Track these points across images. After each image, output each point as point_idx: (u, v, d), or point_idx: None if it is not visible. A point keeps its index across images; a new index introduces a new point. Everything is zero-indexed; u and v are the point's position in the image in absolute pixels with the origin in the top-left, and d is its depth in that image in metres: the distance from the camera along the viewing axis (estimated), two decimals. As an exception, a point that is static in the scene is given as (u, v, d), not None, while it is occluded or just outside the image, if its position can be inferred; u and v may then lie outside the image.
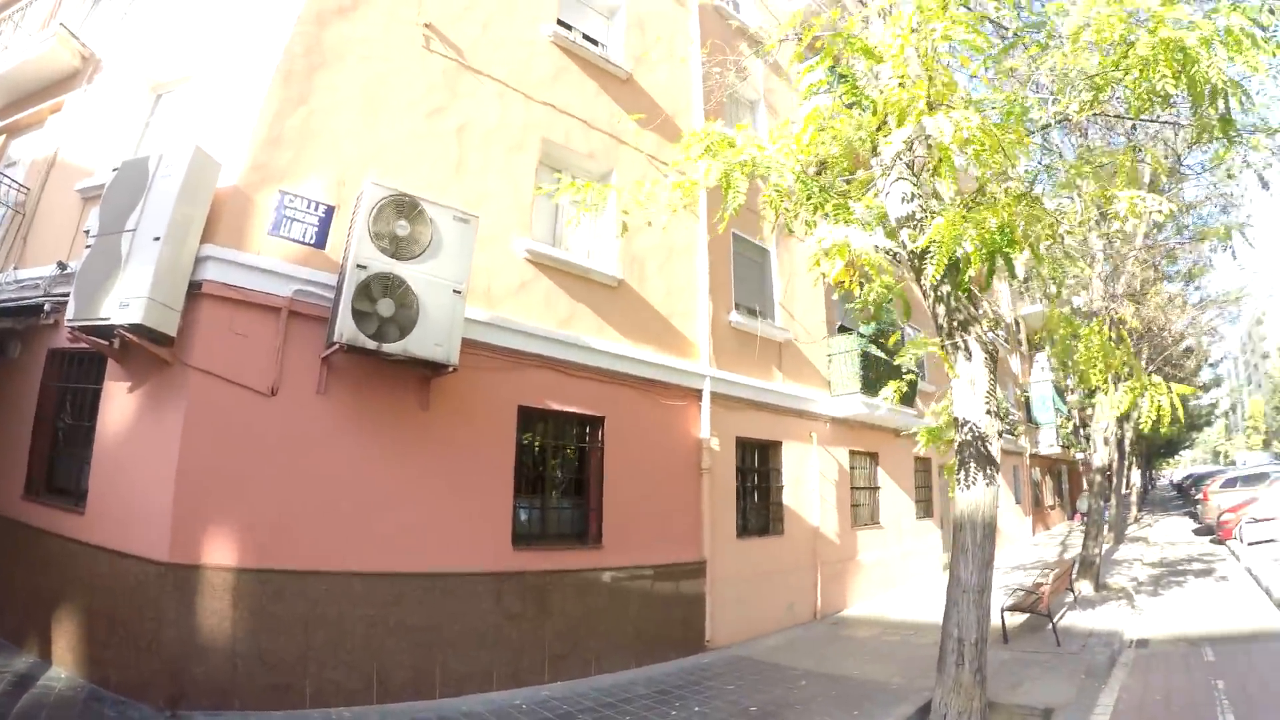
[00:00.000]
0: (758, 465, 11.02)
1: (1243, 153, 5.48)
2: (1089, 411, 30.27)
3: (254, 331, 5.86)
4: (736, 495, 10.23)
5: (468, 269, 6.43)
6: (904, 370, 13.63)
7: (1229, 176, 9.02)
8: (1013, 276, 4.90)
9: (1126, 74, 4.02)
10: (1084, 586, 11.88)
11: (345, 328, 5.52)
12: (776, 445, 11.29)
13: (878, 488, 13.93)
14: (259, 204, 6.17)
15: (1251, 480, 20.49)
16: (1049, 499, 27.97)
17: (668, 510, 8.97)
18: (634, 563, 8.30)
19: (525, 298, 7.92)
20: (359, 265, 5.57)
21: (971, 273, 4.77)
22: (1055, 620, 8.83)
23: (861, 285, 6.42)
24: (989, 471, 5.40)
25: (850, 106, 5.02)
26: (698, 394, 9.76)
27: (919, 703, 6.29)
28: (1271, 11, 4.17)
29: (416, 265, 5.94)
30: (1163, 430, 5.98)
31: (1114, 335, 8.54)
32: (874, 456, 14.01)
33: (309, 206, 6.34)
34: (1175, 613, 10.33)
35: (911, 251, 5.45)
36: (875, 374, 12.89)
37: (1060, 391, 24.65)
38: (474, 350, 7.10)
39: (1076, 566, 12.09)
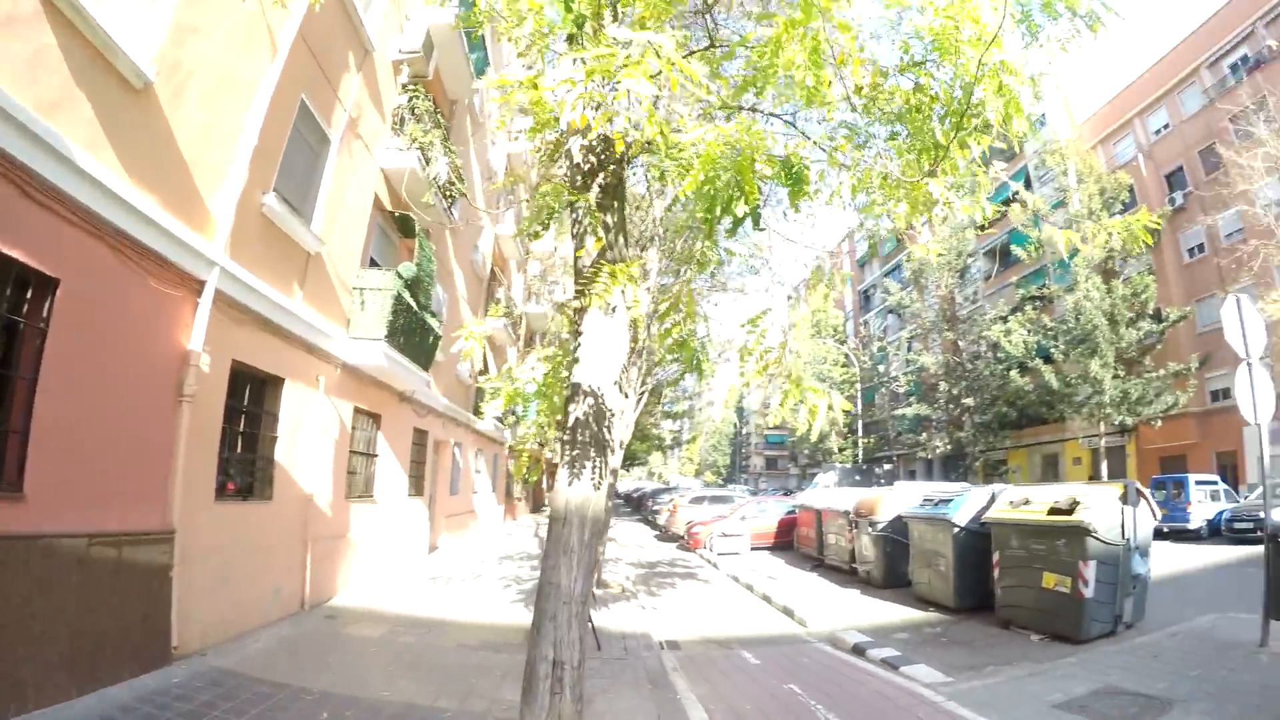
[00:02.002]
0: (250, 405, 9.22)
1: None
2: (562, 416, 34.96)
3: None
4: (221, 442, 8.37)
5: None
6: (429, 328, 13.34)
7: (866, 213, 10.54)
8: (757, 226, 4.79)
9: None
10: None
11: None
12: (278, 383, 9.69)
13: (375, 455, 13.15)
14: None
15: (718, 500, 26.69)
16: (517, 490, 31.27)
17: (126, 450, 6.75)
18: (74, 528, 5.97)
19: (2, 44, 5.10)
20: None
21: (742, 210, 4.47)
22: (591, 622, 9.26)
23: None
24: (606, 458, 5.14)
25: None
26: (199, 286, 7.69)
27: (490, 736, 5.76)
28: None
29: None
30: (814, 435, 6.48)
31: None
32: (377, 419, 13.19)
33: None
34: (686, 614, 12.00)
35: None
36: (403, 323, 12.20)
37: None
38: None
39: None
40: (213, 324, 7.79)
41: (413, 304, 12.55)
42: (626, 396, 14.20)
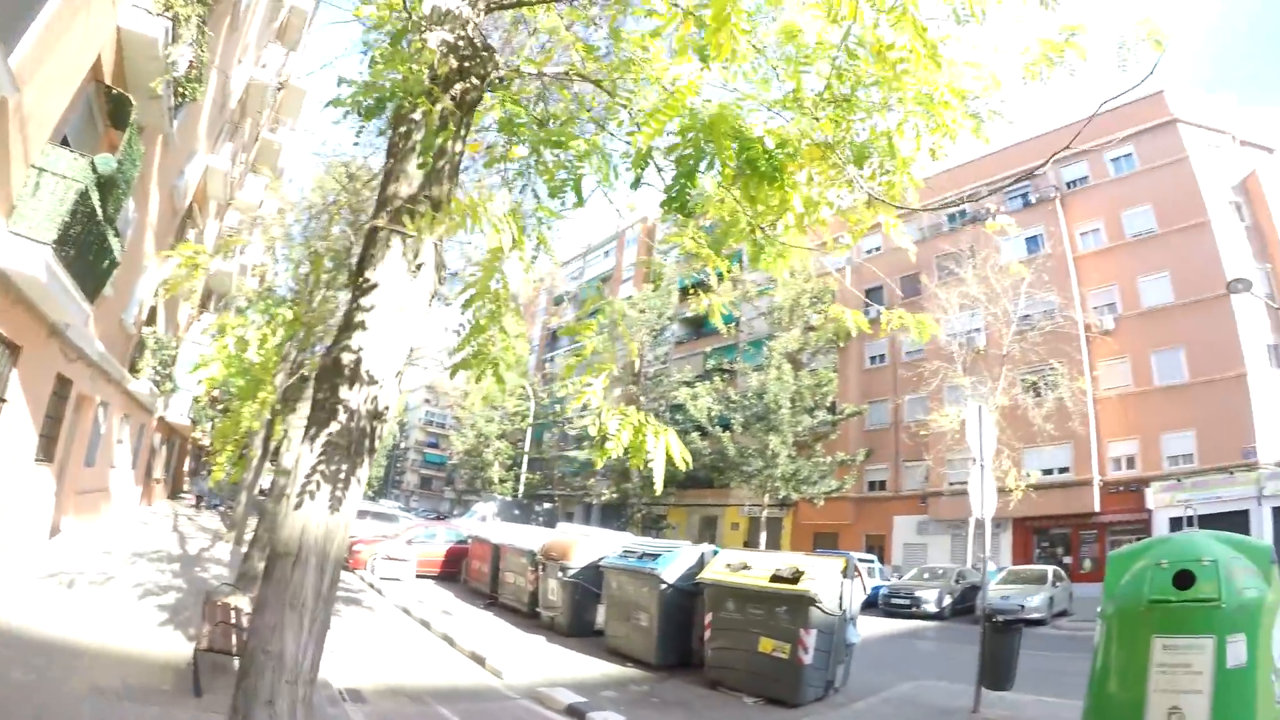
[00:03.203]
0: None
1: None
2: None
3: None
4: None
5: None
6: (108, 249, 10.97)
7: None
8: (685, 210, 4.08)
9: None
10: (240, 603, 10.99)
11: None
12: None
13: (4, 400, 10.32)
14: None
15: (381, 517, 25.25)
16: (158, 471, 27.19)
17: None
18: None
19: None
20: None
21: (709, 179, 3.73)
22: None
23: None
24: (362, 472, 3.93)
25: None
26: None
27: None
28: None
29: None
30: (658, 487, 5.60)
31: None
32: (15, 351, 10.42)
33: None
34: (361, 652, 10.47)
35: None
36: (80, 232, 9.87)
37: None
38: None
39: (237, 580, 11.28)
40: None
41: (99, 211, 10.09)
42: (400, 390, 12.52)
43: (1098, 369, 32.09)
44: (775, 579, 9.88)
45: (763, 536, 36.96)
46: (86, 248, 10.26)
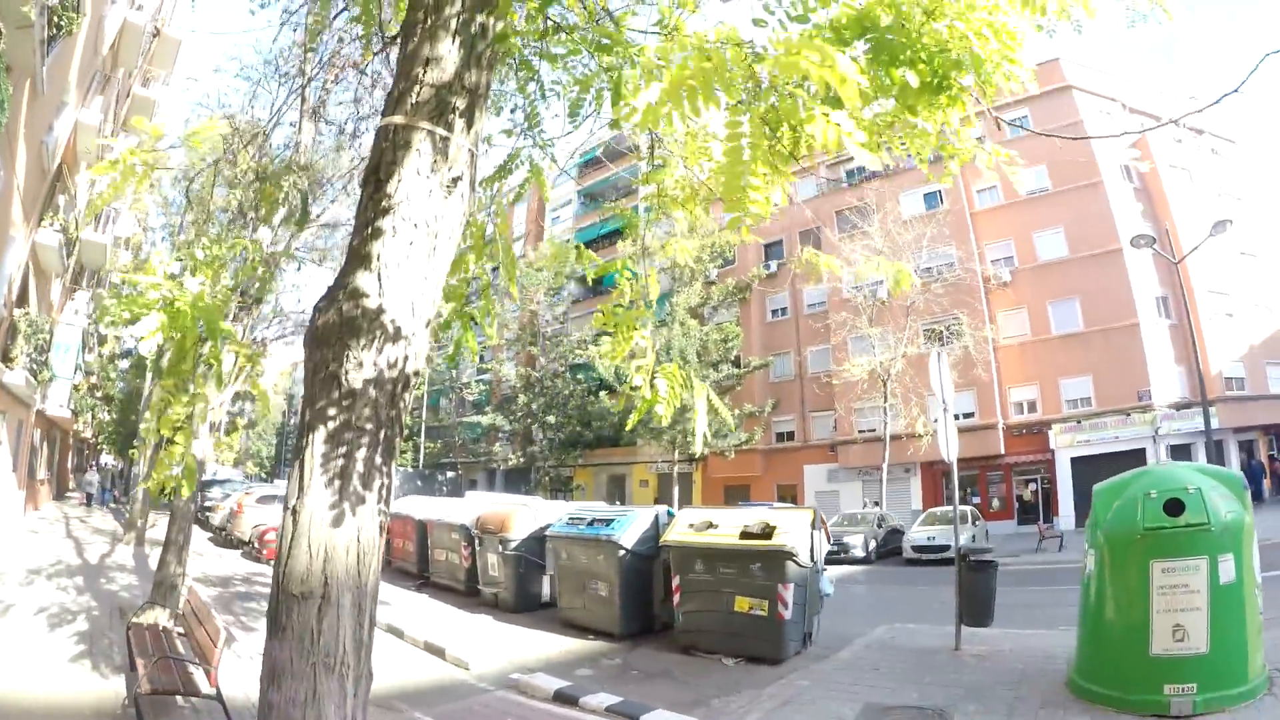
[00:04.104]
0: None
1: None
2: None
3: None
4: None
5: None
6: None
7: None
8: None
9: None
10: (163, 619, 9.83)
11: None
12: None
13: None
14: None
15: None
16: (42, 471, 25.16)
17: None
18: None
19: None
20: None
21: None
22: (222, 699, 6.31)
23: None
24: (393, 460, 3.01)
25: None
26: None
27: None
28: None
29: None
30: (698, 445, 5.40)
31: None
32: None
33: None
34: None
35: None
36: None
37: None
38: None
39: (153, 590, 10.21)
40: None
41: None
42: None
43: (998, 319, 33.99)
44: (745, 535, 9.74)
45: (675, 492, 37.30)
46: None
